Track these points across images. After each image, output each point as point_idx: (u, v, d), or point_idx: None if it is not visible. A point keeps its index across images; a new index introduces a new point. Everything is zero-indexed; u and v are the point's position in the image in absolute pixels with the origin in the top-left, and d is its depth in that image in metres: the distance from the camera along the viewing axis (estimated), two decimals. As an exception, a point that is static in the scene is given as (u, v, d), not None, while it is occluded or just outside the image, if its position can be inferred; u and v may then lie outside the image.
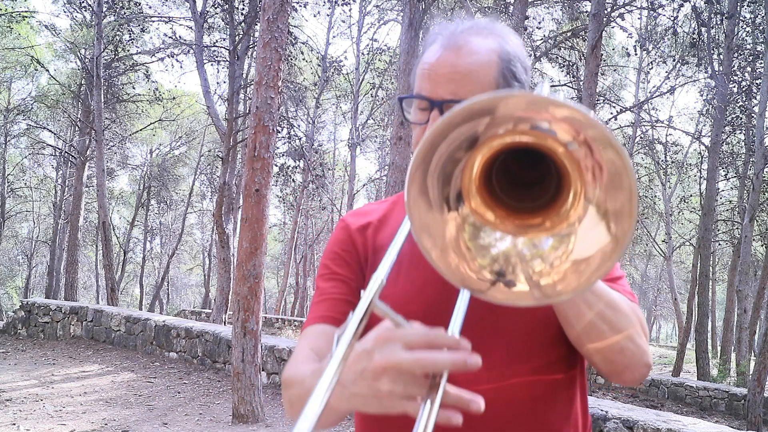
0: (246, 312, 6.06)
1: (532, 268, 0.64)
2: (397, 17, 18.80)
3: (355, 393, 0.64)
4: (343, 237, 1.04)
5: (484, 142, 0.62)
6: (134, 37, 17.26)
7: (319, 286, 1.02)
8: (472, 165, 0.65)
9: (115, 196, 29.55)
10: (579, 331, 0.83)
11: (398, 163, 8.52)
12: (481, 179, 0.66)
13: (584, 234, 0.61)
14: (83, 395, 7.08)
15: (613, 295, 0.84)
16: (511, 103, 0.57)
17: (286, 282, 24.57)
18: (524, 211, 0.68)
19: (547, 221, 0.65)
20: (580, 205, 0.62)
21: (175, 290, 43.85)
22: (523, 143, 0.62)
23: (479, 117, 0.58)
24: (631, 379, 0.87)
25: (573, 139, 0.59)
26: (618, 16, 10.98)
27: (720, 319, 26.43)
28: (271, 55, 6.00)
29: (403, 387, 0.61)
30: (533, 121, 0.59)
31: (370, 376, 0.62)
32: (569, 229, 0.63)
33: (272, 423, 6.09)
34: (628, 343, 0.83)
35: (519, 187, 0.70)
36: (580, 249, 0.61)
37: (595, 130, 0.56)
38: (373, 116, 21.62)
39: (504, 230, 0.66)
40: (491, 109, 0.57)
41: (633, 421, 4.91)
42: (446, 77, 0.92)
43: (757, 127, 10.45)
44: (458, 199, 0.66)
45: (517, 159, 0.67)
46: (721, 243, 18.98)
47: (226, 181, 12.00)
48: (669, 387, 10.72)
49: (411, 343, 0.61)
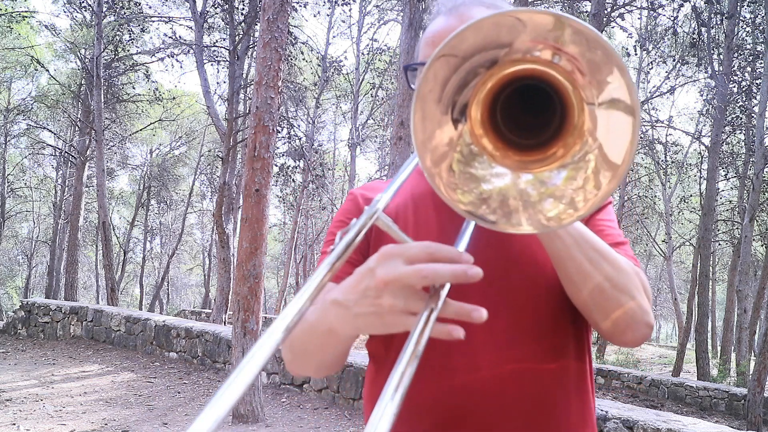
0: (246, 312, 6.06)
1: (540, 209, 0.62)
2: (397, 17, 18.81)
3: (359, 313, 0.64)
4: (350, 207, 1.05)
5: (503, 64, 0.61)
6: (134, 37, 17.26)
7: (324, 252, 1.02)
8: (485, 83, 0.63)
9: (115, 196, 29.55)
10: (585, 296, 0.83)
11: (398, 163, 8.52)
12: (487, 105, 0.64)
13: (605, 138, 0.60)
14: (83, 395, 7.08)
15: (617, 257, 0.84)
16: (534, 24, 0.56)
17: (286, 282, 24.55)
18: (528, 147, 0.66)
19: (560, 149, 0.63)
20: (586, 115, 0.61)
21: (175, 290, 43.85)
22: (531, 73, 0.61)
23: (504, 35, 0.58)
24: (632, 339, 0.86)
25: (554, 53, 0.58)
26: (618, 16, 10.98)
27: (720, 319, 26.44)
28: (271, 55, 6.00)
29: (404, 301, 0.61)
30: (530, 51, 0.59)
31: (372, 294, 0.62)
32: (584, 148, 0.61)
33: (272, 423, 6.10)
34: (627, 299, 0.82)
35: (521, 128, 0.68)
36: (607, 153, 0.60)
37: (573, 33, 0.56)
38: (373, 116, 21.62)
39: (503, 165, 0.65)
40: (521, 26, 0.57)
41: (633, 421, 4.91)
42: None
43: (757, 127, 10.45)
44: (462, 111, 0.63)
45: (522, 104, 0.66)
46: (721, 243, 18.99)
47: (226, 181, 12.00)
48: (669, 387, 10.72)
49: (412, 257, 0.61)
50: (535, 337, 0.90)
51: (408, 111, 8.71)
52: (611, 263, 0.82)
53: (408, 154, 8.84)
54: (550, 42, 0.58)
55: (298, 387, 7.46)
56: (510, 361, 0.88)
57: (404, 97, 8.78)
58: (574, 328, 0.94)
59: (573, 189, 0.61)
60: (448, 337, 0.59)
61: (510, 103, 0.66)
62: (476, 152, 0.64)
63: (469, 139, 0.64)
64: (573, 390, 0.93)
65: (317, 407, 6.83)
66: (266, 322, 19.00)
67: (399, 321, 0.62)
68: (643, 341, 0.89)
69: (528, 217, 0.63)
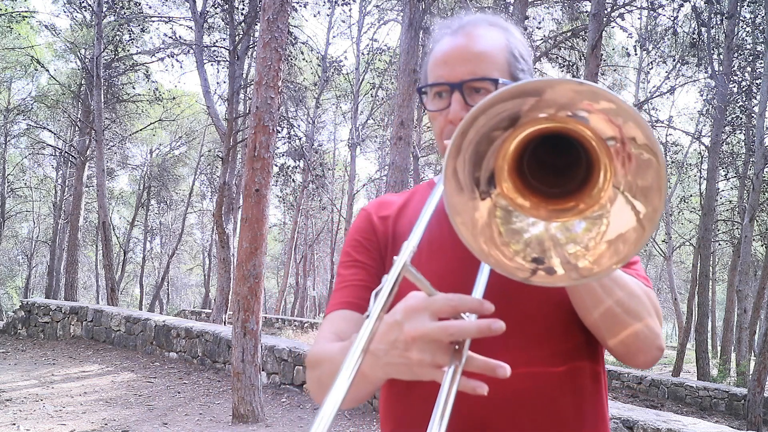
0: (246, 312, 6.06)
1: (566, 251, 0.65)
2: (397, 17, 18.80)
3: (388, 362, 0.68)
4: (364, 225, 1.06)
5: (524, 123, 0.63)
6: (134, 37, 17.26)
7: (340, 273, 1.04)
8: (508, 147, 0.66)
9: (115, 196, 29.54)
10: (596, 318, 0.84)
11: (398, 163, 8.52)
12: (514, 162, 0.67)
13: (616, 214, 0.63)
14: (83, 395, 7.08)
15: (629, 280, 0.85)
16: (559, 89, 0.58)
17: (286, 282, 24.56)
18: (555, 196, 0.69)
19: (580, 204, 0.67)
20: (609, 187, 0.64)
21: (175, 290, 43.84)
22: (559, 129, 0.63)
23: (526, 97, 0.60)
24: (644, 361, 0.88)
25: (612, 135, 0.61)
26: (618, 16, 10.97)
27: (720, 319, 26.44)
28: (271, 55, 6.00)
29: (431, 355, 0.64)
30: (574, 109, 0.60)
31: (401, 346, 0.65)
32: (601, 210, 0.65)
33: (272, 423, 6.09)
34: (643, 329, 0.84)
35: (548, 174, 0.71)
36: (613, 229, 0.63)
37: (636, 128, 0.58)
38: (373, 116, 21.62)
39: (537, 216, 0.68)
40: (539, 91, 0.59)
41: (633, 421, 4.91)
42: (461, 59, 0.94)
43: (757, 127, 10.44)
44: (489, 182, 0.67)
45: (546, 146, 0.69)
46: (721, 243, 18.99)
47: (226, 181, 12.00)
48: (669, 387, 10.72)
49: (437, 312, 0.64)
50: (546, 341, 0.91)
51: (406, 110, 8.71)
52: (623, 288, 0.83)
53: (408, 154, 8.84)
54: (614, 121, 0.60)
55: (298, 387, 7.46)
56: (522, 364, 0.89)
57: (404, 97, 8.77)
58: (587, 332, 0.93)
59: (590, 238, 0.66)
60: (473, 392, 0.63)
61: (537, 147, 0.69)
62: (511, 209, 0.68)
63: (504, 201, 0.68)
64: (586, 393, 0.93)
65: (317, 407, 6.82)
66: (266, 322, 19.01)
67: (427, 373, 0.65)
68: (653, 363, 0.90)
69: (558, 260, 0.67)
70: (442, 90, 0.96)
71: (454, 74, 0.93)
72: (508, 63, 0.95)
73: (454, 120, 0.93)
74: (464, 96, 0.93)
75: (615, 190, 0.63)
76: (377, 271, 1.01)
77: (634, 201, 0.62)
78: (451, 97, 0.94)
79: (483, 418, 0.89)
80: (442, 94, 0.96)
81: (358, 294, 0.98)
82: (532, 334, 0.90)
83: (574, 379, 0.91)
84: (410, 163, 9.22)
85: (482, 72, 0.92)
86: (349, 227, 20.22)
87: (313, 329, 19.14)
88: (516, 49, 0.97)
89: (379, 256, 1.03)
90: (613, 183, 0.63)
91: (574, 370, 0.92)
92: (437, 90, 0.97)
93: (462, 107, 0.92)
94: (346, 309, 0.97)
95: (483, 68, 0.93)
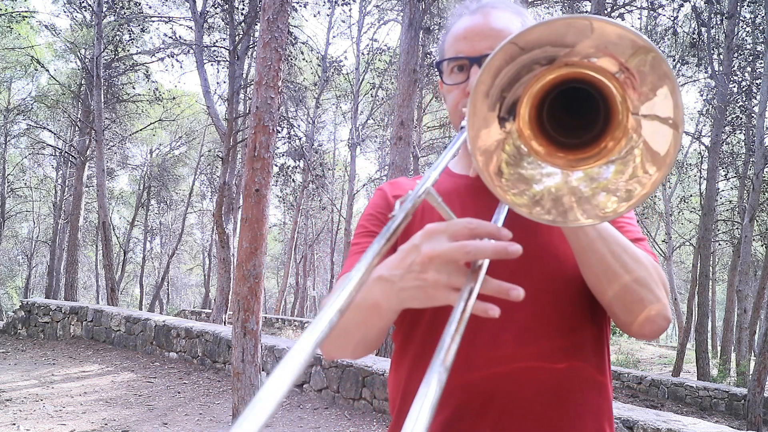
0: (246, 312, 6.06)
1: (596, 203, 0.64)
2: (397, 17, 18.81)
3: (403, 287, 0.68)
4: (380, 202, 1.08)
5: (559, 65, 0.63)
6: (134, 37, 17.26)
7: (355, 242, 1.05)
8: (535, 86, 0.65)
9: (115, 196, 29.54)
10: (606, 287, 0.86)
11: (398, 163, 8.52)
12: (535, 106, 0.66)
13: (647, 136, 0.63)
14: (83, 395, 7.08)
15: (638, 251, 0.87)
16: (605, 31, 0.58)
17: (286, 282, 24.55)
18: (573, 147, 0.68)
19: (606, 144, 0.65)
20: (629, 117, 0.63)
21: (175, 290, 43.85)
22: (576, 75, 0.63)
23: (571, 36, 0.60)
24: (651, 330, 0.89)
25: (619, 67, 0.61)
26: (618, 16, 10.97)
27: (720, 319, 26.46)
28: (271, 55, 6.00)
29: (448, 276, 0.64)
30: (587, 55, 0.61)
31: (417, 268, 0.65)
32: (629, 144, 0.64)
33: (272, 423, 6.10)
34: (647, 294, 0.85)
35: (564, 127, 0.70)
36: (648, 152, 0.62)
37: (625, 43, 0.58)
38: (373, 116, 21.61)
39: (553, 164, 0.67)
40: (585, 31, 0.59)
41: (633, 421, 4.91)
42: (481, 35, 0.97)
43: (757, 127, 10.44)
44: (511, 111, 0.66)
45: (561, 102, 0.68)
46: (721, 243, 18.98)
47: (226, 181, 12.00)
48: (669, 387, 10.72)
49: (455, 234, 0.64)
50: (553, 332, 0.92)
51: (406, 110, 8.71)
52: (632, 257, 0.85)
53: (408, 154, 8.84)
54: (610, 52, 0.60)
55: (298, 387, 7.47)
56: (528, 357, 0.90)
57: (404, 97, 8.77)
58: (593, 324, 0.95)
59: (624, 181, 0.64)
60: (485, 314, 0.62)
61: (555, 103, 0.68)
62: (525, 152, 0.67)
63: (518, 139, 0.66)
64: (591, 387, 0.94)
65: (317, 407, 6.83)
66: (266, 322, 19.00)
67: (442, 295, 0.65)
68: (660, 334, 0.92)
69: (583, 212, 0.65)
70: (461, 64, 0.99)
71: (474, 49, 0.97)
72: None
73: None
74: None
75: (635, 117, 0.62)
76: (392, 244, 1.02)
77: (655, 110, 0.61)
78: (470, 70, 0.97)
79: (490, 391, 0.90)
80: (462, 68, 0.99)
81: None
82: (542, 321, 0.91)
83: (578, 372, 0.92)
84: (410, 163, 9.22)
85: None
86: (349, 227, 20.25)
87: (313, 329, 19.08)
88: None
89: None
90: (632, 111, 0.62)
91: (580, 365, 0.93)
92: (456, 64, 1.00)
93: None
94: None
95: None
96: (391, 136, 9.72)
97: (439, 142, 18.89)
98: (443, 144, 17.91)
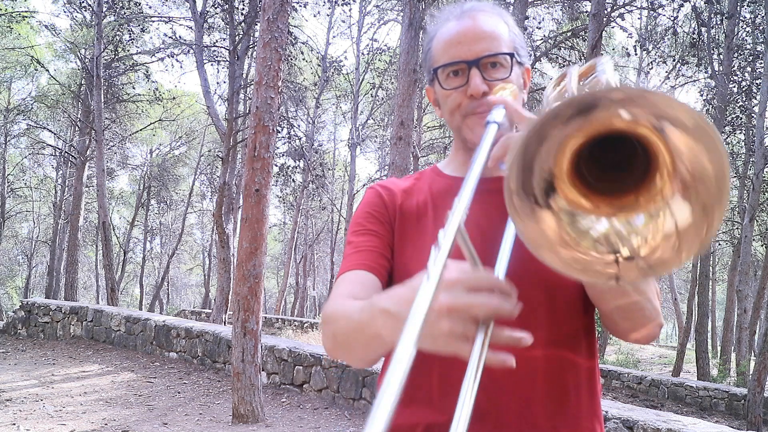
0: (246, 312, 6.06)
1: (630, 243, 0.65)
2: (397, 17, 18.81)
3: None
4: (374, 200, 1.08)
5: (593, 122, 0.63)
6: (134, 37, 17.26)
7: (351, 241, 1.05)
8: (564, 147, 0.65)
9: (115, 196, 29.54)
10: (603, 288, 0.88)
11: (398, 163, 8.52)
12: (572, 164, 0.67)
13: (675, 210, 0.63)
14: (83, 395, 7.08)
15: None
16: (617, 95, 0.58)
17: (286, 282, 24.55)
18: (614, 193, 0.69)
19: (640, 197, 0.66)
20: (667, 184, 0.64)
21: (175, 290, 43.85)
22: (619, 129, 0.63)
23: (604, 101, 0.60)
24: (646, 336, 0.92)
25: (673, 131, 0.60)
26: (618, 16, 10.97)
27: (720, 319, 26.44)
28: (271, 55, 6.00)
29: (463, 328, 0.63)
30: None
31: (433, 316, 0.63)
32: (660, 205, 0.64)
33: (272, 423, 6.09)
34: (646, 303, 0.88)
35: (604, 171, 0.70)
36: (670, 224, 0.63)
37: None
38: (373, 116, 21.61)
39: (599, 213, 0.68)
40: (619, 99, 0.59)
41: (633, 421, 4.91)
42: (474, 38, 0.99)
43: (757, 127, 10.44)
44: (547, 192, 0.66)
45: (600, 144, 0.68)
46: (721, 243, 18.98)
47: (226, 181, 12.00)
48: (669, 387, 10.72)
49: (475, 288, 0.64)
50: (549, 324, 0.94)
51: (406, 110, 8.70)
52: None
53: (408, 154, 8.83)
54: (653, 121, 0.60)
55: (298, 387, 7.46)
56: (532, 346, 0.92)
57: (404, 97, 8.77)
58: (585, 319, 0.98)
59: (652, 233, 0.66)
60: (502, 365, 0.63)
61: (590, 150, 0.68)
62: (576, 213, 0.68)
63: (565, 205, 0.67)
64: (584, 383, 0.97)
65: (317, 407, 6.83)
66: (266, 322, 18.99)
67: (452, 345, 0.64)
68: (652, 340, 0.94)
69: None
70: (458, 68, 1.00)
71: (471, 52, 0.98)
72: (513, 42, 1.01)
73: (476, 94, 0.97)
74: (481, 72, 0.98)
75: (676, 183, 0.63)
76: (388, 241, 1.03)
77: (693, 200, 0.61)
78: (468, 74, 0.98)
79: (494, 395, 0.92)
80: (458, 73, 1.00)
81: (372, 258, 1.00)
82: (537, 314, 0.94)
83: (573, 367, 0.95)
84: (410, 163, 9.22)
85: (496, 48, 0.98)
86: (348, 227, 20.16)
87: (313, 329, 19.12)
88: (516, 35, 1.04)
89: (389, 228, 1.05)
90: (675, 177, 0.63)
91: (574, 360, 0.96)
92: (453, 69, 1.00)
93: (482, 81, 0.97)
94: (360, 270, 0.98)
95: (496, 45, 0.98)
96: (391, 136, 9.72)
97: (439, 142, 18.87)
98: (443, 144, 17.89)
